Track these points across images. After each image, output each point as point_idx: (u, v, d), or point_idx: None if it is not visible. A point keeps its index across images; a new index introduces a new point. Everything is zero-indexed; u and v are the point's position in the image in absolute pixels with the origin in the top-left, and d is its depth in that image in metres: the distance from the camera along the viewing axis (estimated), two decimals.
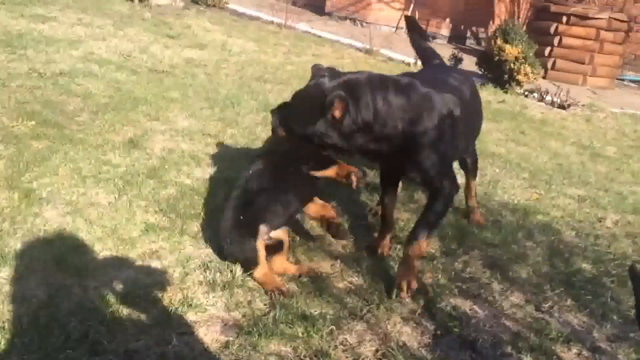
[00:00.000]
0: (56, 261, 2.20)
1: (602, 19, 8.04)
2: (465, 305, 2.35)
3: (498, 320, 2.28)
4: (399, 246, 2.70)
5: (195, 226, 2.65)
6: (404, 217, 3.08)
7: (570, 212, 3.49)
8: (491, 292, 2.49)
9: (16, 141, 3.15)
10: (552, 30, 8.27)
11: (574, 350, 2.15)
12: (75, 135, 3.40)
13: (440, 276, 2.53)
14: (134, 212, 2.66)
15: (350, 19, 12.09)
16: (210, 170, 3.29)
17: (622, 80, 8.85)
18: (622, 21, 8.25)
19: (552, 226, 3.24)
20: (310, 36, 9.51)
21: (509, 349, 2.10)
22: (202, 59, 6.16)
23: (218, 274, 2.29)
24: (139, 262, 2.32)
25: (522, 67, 6.85)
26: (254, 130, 4.14)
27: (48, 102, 3.87)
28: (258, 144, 3.82)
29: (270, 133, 2.52)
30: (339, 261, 2.53)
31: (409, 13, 11.68)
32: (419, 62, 7.90)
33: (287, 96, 5.14)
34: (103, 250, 2.36)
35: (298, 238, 2.68)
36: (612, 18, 8.09)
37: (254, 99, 4.95)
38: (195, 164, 3.33)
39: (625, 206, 3.77)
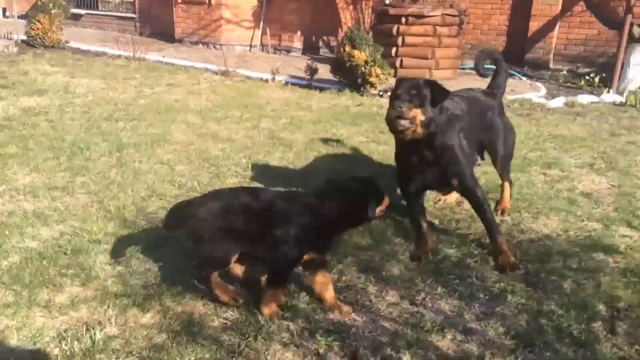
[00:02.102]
0: None
1: (436, 16, 8.66)
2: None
3: (377, 324, 2.31)
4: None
5: (45, 293, 2.40)
6: None
7: (432, 200, 3.66)
8: (367, 296, 2.51)
9: None
10: (394, 31, 8.74)
11: (449, 337, 2.23)
12: None
13: None
14: None
15: (203, 43, 11.94)
16: (60, 227, 3.01)
17: (464, 69, 9.59)
18: (454, 16, 8.96)
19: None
20: (163, 65, 9.26)
21: (388, 351, 2.12)
22: (42, 105, 5.72)
23: (76, 343, 2.08)
24: None
25: (372, 69, 7.16)
26: (107, 174, 3.88)
27: None
28: (113, 189, 3.60)
29: None
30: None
31: (259, 30, 11.81)
32: (277, 78, 7.97)
33: (141, 132, 4.97)
34: None
35: (166, 282, 2.53)
36: (445, 14, 8.74)
37: (105, 140, 4.67)
38: (41, 224, 3.04)
39: None
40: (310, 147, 4.85)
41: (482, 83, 3.85)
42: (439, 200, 3.63)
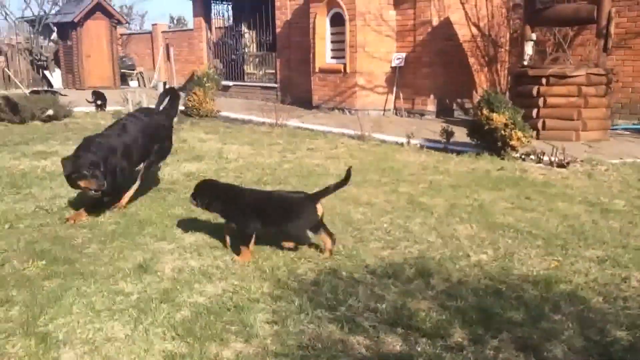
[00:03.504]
0: None
1: (580, 75, 8.31)
2: None
3: None
4: None
5: (214, 347, 2.59)
6: None
7: (593, 276, 3.42)
8: None
9: (28, 283, 3.15)
10: (534, 92, 8.50)
11: None
12: (86, 268, 3.41)
13: None
14: (151, 342, 2.61)
15: (339, 109, 12.49)
16: (222, 285, 3.26)
17: (615, 129, 9.00)
18: (600, 75, 8.52)
19: (578, 294, 3.16)
20: (303, 131, 9.79)
21: None
22: (201, 170, 6.30)
23: None
24: None
25: (512, 132, 6.99)
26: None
27: (57, 238, 3.91)
28: (266, 250, 3.83)
29: None
30: None
31: (392, 95, 12.11)
32: (412, 142, 8.05)
33: None
34: None
35: (321, 343, 2.61)
36: (589, 74, 8.35)
37: None
38: (206, 280, 3.31)
39: None
40: (451, 212, 4.80)
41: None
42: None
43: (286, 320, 2.85)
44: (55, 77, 20.29)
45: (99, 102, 12.11)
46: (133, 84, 21.42)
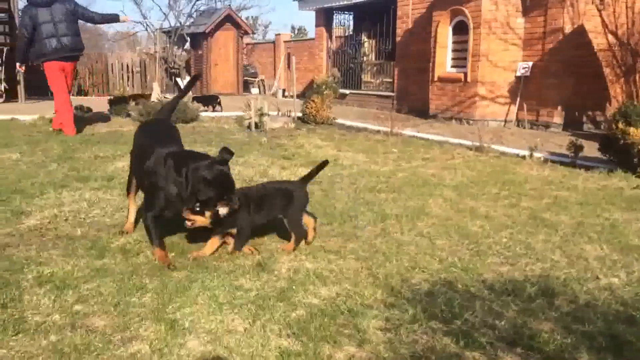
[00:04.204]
0: None
1: None
2: None
3: None
4: None
5: (327, 349, 2.63)
6: None
7: None
8: None
9: (159, 273, 3.42)
10: None
11: None
12: (209, 262, 3.63)
13: None
14: (267, 337, 2.71)
15: (456, 119, 12.19)
16: (336, 288, 3.31)
17: None
18: None
19: None
20: (418, 140, 9.69)
21: None
22: (317, 175, 6.43)
23: None
24: None
25: None
26: (373, 242, 4.16)
27: (185, 233, 4.20)
28: (379, 257, 3.83)
29: None
30: None
31: (515, 106, 11.58)
32: (535, 155, 7.65)
33: (401, 204, 5.23)
34: None
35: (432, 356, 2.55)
36: None
37: (370, 210, 5.02)
38: (320, 283, 3.38)
39: None
40: (578, 231, 4.49)
41: None
42: None
43: (399, 328, 2.82)
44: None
45: (214, 104, 13.31)
46: (254, 90, 22.51)
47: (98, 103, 13.53)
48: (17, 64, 9.52)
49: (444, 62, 12.58)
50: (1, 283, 3.19)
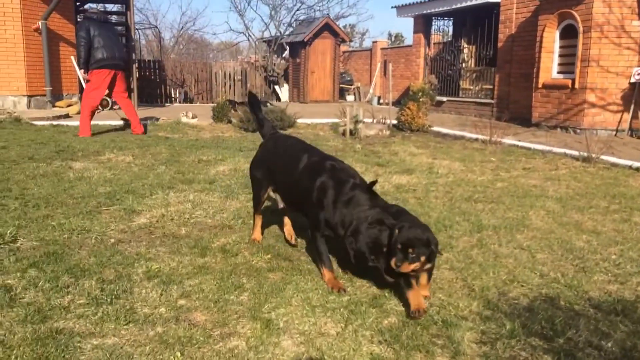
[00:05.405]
0: None
1: None
2: None
3: None
4: None
5: (419, 357, 2.60)
6: None
7: None
8: None
9: (256, 273, 3.54)
10: None
11: None
12: (304, 265, 3.71)
13: None
14: (359, 343, 2.72)
15: (561, 127, 11.56)
16: (430, 299, 3.25)
17: None
18: None
19: None
20: (518, 149, 9.30)
21: None
22: (411, 183, 6.38)
23: None
24: None
25: None
26: (469, 253, 4.04)
27: (279, 236, 4.32)
28: (475, 268, 3.72)
29: None
30: None
31: (629, 114, 10.78)
32: None
33: (499, 215, 5.05)
34: None
35: None
36: None
37: (466, 220, 4.89)
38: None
39: None
40: None
41: None
42: None
43: (495, 342, 2.73)
44: (284, 92, 22.52)
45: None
46: (349, 98, 22.69)
47: (202, 109, 14.29)
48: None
49: (549, 68, 11.97)
50: (115, 276, 3.46)
